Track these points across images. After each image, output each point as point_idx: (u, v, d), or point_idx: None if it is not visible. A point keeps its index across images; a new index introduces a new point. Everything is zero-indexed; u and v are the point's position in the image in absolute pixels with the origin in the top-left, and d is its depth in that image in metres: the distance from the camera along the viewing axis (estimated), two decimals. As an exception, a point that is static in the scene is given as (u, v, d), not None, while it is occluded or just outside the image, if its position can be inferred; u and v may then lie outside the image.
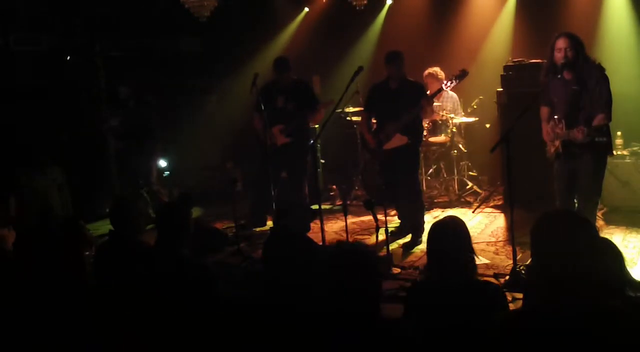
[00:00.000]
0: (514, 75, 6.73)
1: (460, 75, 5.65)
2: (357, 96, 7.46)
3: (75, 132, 7.58)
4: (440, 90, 5.97)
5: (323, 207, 5.65)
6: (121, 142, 7.19)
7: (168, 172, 8.33)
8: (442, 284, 2.76)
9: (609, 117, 4.61)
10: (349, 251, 2.48)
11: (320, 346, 2.31)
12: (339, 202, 7.62)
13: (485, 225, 6.39)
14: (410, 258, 5.50)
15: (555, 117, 4.82)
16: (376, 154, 6.11)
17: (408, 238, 5.92)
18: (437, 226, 2.90)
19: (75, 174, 7.24)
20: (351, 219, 6.52)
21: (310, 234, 5.87)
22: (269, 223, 6.63)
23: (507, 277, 4.60)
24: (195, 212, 7.64)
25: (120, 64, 7.84)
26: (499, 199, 7.23)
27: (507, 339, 2.11)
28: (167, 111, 8.24)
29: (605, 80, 4.67)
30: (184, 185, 8.28)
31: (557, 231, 2.21)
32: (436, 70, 7.43)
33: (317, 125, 7.00)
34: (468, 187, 7.52)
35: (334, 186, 8.07)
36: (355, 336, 2.26)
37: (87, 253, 4.23)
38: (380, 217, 5.19)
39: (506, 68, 6.85)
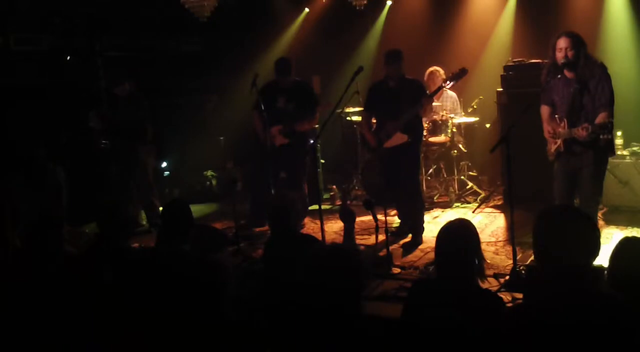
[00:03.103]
0: (514, 75, 6.74)
1: (459, 74, 5.65)
2: (357, 96, 7.44)
3: (75, 133, 7.56)
4: (440, 88, 5.96)
5: (323, 207, 5.64)
6: (109, 143, 6.87)
7: (168, 172, 8.31)
8: (445, 286, 2.76)
9: (611, 115, 4.61)
10: (331, 252, 2.50)
11: (316, 344, 2.32)
12: (338, 202, 7.61)
13: (485, 225, 6.38)
14: (410, 258, 5.48)
15: (557, 116, 4.82)
16: (377, 153, 6.11)
17: (408, 238, 5.91)
18: (449, 228, 2.88)
19: (74, 174, 7.22)
20: (351, 219, 6.51)
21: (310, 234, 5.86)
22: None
23: (507, 277, 4.59)
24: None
25: (120, 64, 7.82)
26: (499, 199, 7.23)
27: (512, 334, 2.10)
28: (167, 111, 8.23)
29: (607, 78, 4.67)
30: (184, 185, 8.28)
31: (560, 227, 2.21)
32: (438, 69, 7.44)
33: (317, 126, 7.00)
34: (468, 187, 7.51)
35: (334, 186, 8.06)
36: (339, 334, 2.27)
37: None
38: (380, 217, 5.18)
39: (506, 68, 6.85)
